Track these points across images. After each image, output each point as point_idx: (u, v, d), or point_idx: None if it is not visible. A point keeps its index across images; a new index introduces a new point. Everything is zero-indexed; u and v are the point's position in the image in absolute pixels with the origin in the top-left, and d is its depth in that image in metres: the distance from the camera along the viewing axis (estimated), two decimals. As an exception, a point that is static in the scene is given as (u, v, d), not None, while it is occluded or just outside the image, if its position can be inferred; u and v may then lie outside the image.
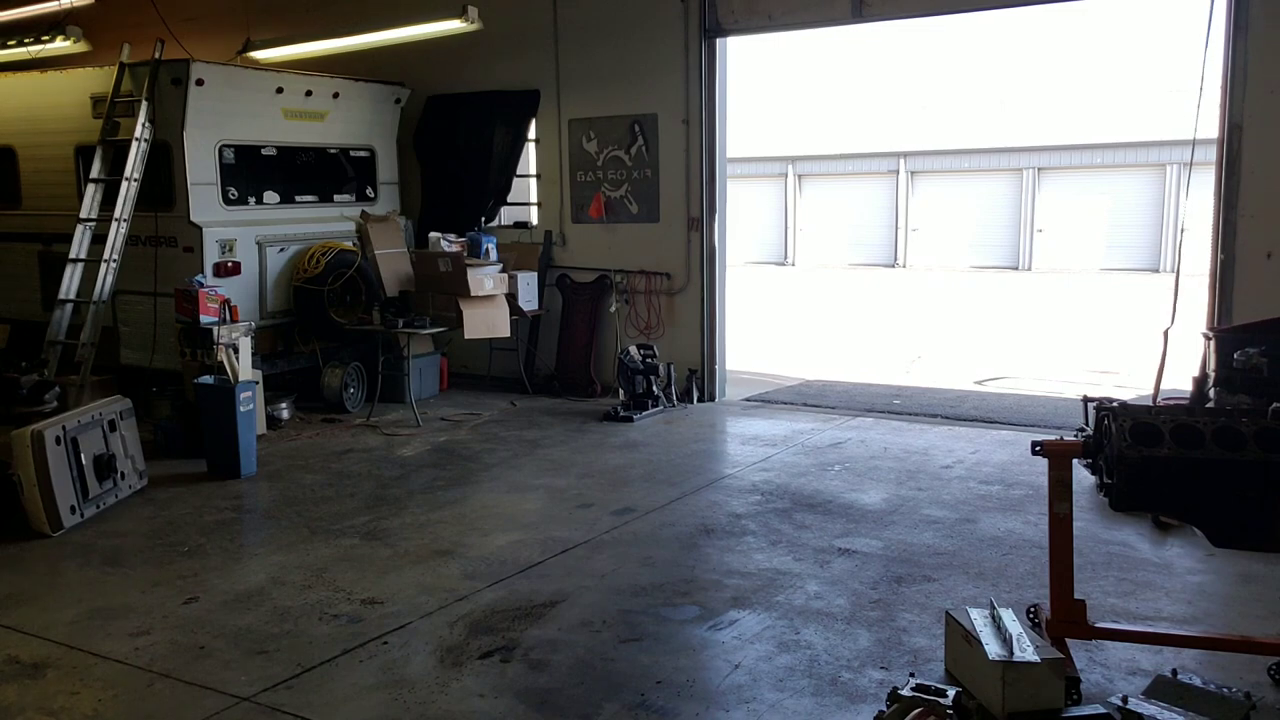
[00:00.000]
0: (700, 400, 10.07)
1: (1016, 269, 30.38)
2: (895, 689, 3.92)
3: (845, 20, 9.25)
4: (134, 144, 8.76)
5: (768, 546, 6.03)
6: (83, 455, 6.54)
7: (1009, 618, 4.23)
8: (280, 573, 5.69)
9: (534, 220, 11.10)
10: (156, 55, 8.96)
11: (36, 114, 9.98)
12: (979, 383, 11.64)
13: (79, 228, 8.98)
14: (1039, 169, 30.46)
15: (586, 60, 10.41)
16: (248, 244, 9.30)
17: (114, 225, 8.70)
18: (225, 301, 8.42)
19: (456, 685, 4.36)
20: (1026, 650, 3.96)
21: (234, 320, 8.39)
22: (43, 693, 4.35)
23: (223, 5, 12.05)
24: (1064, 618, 4.35)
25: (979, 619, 4.26)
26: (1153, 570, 5.56)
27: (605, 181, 10.46)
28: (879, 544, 6.04)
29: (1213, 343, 6.40)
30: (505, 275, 9.86)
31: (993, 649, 3.99)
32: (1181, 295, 7.62)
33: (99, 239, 8.87)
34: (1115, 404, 4.19)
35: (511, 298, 9.98)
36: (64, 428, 6.48)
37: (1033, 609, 4.73)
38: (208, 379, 7.77)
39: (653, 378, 9.61)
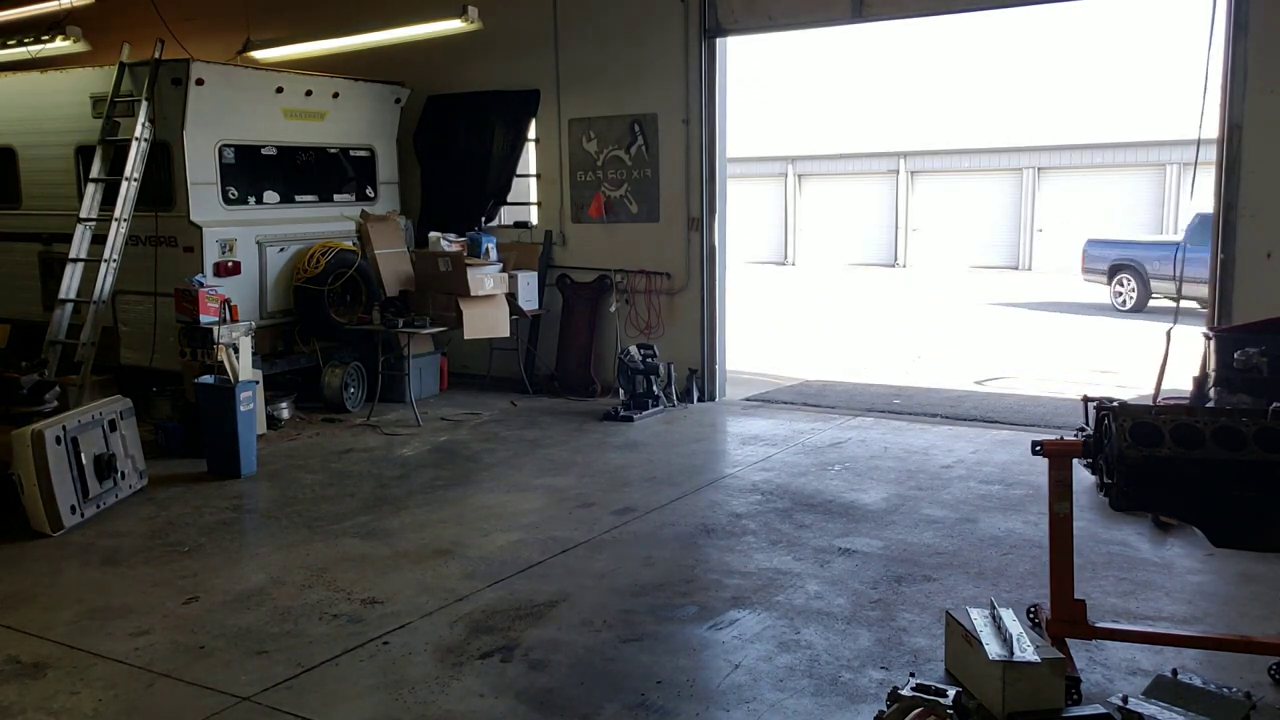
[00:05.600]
0: (700, 400, 10.07)
1: (1016, 269, 30.37)
2: (895, 689, 3.92)
3: (845, 20, 9.25)
4: (134, 144, 8.75)
5: (768, 546, 6.03)
6: (83, 455, 6.54)
7: (1009, 618, 4.23)
8: (280, 572, 5.69)
9: (534, 220, 11.10)
10: (156, 55, 8.95)
11: (36, 114, 9.97)
12: (979, 383, 11.63)
13: (79, 228, 8.98)
14: (1039, 169, 30.45)
15: (586, 60, 10.41)
16: (248, 244, 9.29)
17: (114, 225, 8.70)
18: (225, 301, 8.42)
19: (456, 685, 4.36)
20: (1026, 650, 3.96)
21: (234, 320, 8.39)
22: (43, 693, 4.35)
23: (223, 5, 12.04)
24: (1064, 618, 4.35)
25: (979, 619, 4.26)
26: (1153, 570, 5.56)
27: (605, 181, 10.46)
28: (879, 544, 6.04)
29: (1213, 343, 6.40)
30: (505, 275, 9.87)
31: (993, 649, 3.99)
32: (1181, 295, 7.62)
33: (99, 239, 8.87)
34: (1115, 404, 4.19)
35: (511, 298, 9.99)
36: (64, 427, 6.48)
37: (1033, 609, 4.74)
38: (208, 379, 7.78)
39: (653, 378, 9.61)
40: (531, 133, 10.95)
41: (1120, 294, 19.42)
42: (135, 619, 5.08)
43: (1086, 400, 4.40)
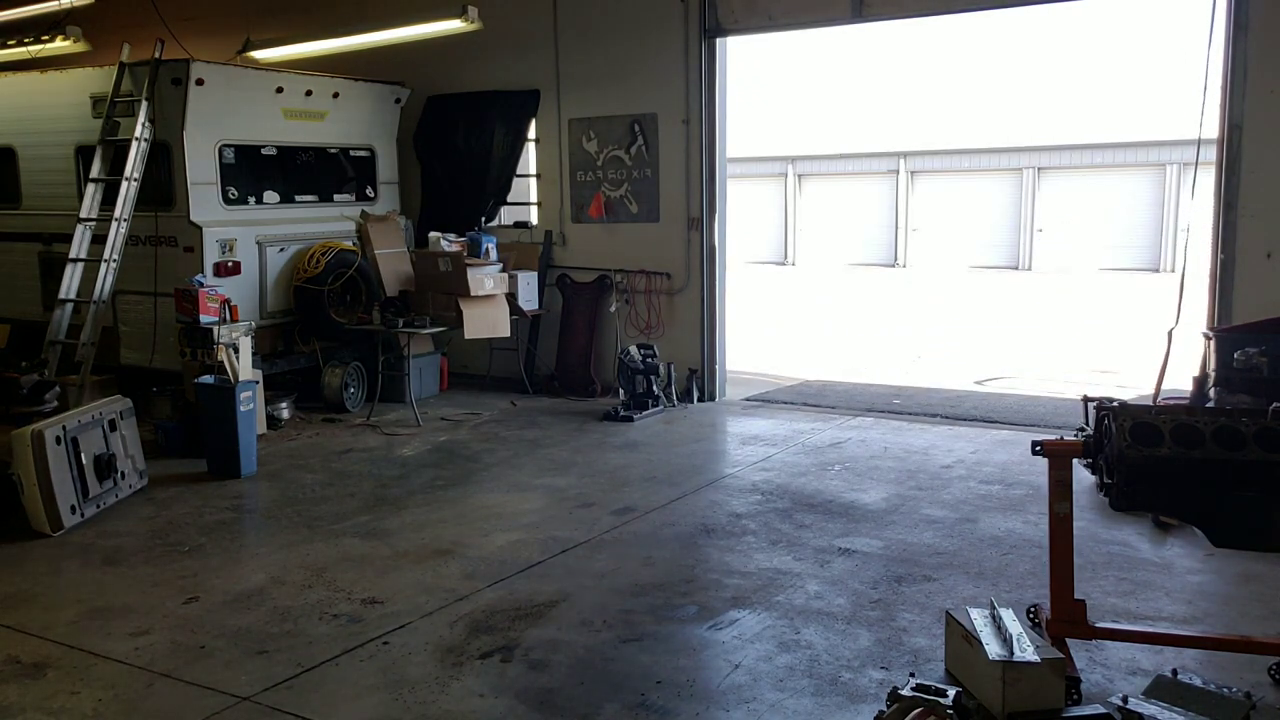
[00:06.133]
0: (700, 400, 10.07)
1: (1016, 269, 30.38)
2: (895, 689, 3.92)
3: (845, 20, 9.25)
4: (134, 144, 8.76)
5: (768, 546, 6.03)
6: (83, 455, 6.54)
7: (1009, 617, 4.23)
8: (280, 572, 5.69)
9: (534, 220, 11.10)
10: (156, 55, 8.95)
11: (36, 114, 9.98)
12: (979, 383, 11.63)
13: (79, 228, 8.98)
14: (1039, 169, 30.46)
15: (586, 60, 10.41)
16: (248, 244, 9.29)
17: (114, 225, 8.70)
18: (225, 301, 8.43)
19: (456, 685, 4.36)
20: (1026, 650, 3.96)
21: (234, 320, 8.40)
22: (43, 693, 4.35)
23: (223, 5, 12.04)
24: (1064, 618, 4.35)
25: (979, 619, 4.26)
26: (1153, 570, 5.56)
27: (605, 181, 10.46)
28: (879, 544, 6.04)
29: (1213, 343, 6.41)
30: (505, 275, 9.87)
31: (993, 649, 3.99)
32: (1183, 295, 7.62)
33: (99, 239, 8.87)
34: (1115, 404, 4.19)
35: (511, 298, 9.99)
36: (64, 427, 6.48)
37: (1033, 609, 4.73)
38: (208, 379, 7.78)
39: (653, 377, 9.61)
40: (531, 133, 10.95)
41: None
42: (135, 619, 5.08)
43: (1086, 400, 4.40)
